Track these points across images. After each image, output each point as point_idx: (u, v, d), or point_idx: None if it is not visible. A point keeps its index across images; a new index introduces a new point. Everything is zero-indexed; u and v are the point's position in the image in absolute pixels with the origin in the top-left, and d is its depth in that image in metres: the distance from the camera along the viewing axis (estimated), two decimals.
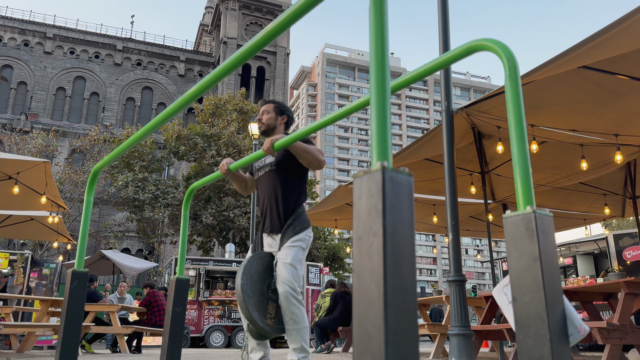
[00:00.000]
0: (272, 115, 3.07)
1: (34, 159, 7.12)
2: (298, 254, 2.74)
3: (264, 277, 2.72)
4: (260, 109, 3.18)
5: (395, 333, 0.79)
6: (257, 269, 2.71)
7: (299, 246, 2.76)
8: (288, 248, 2.74)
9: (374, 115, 0.96)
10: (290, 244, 2.75)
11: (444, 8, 5.29)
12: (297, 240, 2.76)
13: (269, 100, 3.18)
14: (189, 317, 12.92)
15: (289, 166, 2.92)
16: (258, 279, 2.68)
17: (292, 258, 2.71)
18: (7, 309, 6.94)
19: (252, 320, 2.56)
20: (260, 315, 2.61)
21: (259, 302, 2.62)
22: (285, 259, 2.71)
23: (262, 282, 2.70)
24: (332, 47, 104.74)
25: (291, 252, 2.72)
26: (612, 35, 3.60)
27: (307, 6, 1.32)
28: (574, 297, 4.93)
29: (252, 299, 2.60)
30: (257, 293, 2.64)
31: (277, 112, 3.08)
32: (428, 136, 6.32)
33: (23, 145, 24.93)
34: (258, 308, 2.61)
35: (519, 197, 1.27)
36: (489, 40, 1.42)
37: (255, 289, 2.65)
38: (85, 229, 2.97)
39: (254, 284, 2.65)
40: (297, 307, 2.65)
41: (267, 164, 3.00)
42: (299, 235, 2.78)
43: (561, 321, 1.15)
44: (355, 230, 0.88)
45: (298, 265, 2.72)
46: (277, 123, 3.06)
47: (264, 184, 2.99)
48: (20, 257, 12.07)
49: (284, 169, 2.92)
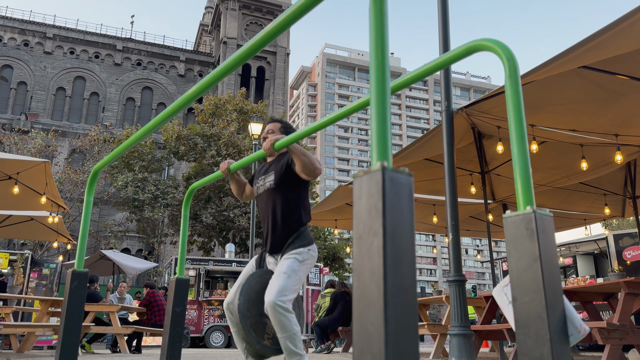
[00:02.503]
0: (278, 135, 3.01)
1: (34, 159, 7.12)
2: (293, 264, 2.69)
3: (261, 297, 2.69)
4: (265, 126, 3.14)
5: (395, 333, 0.79)
6: (256, 288, 2.69)
7: (295, 258, 2.72)
8: (284, 259, 2.73)
9: (374, 115, 0.96)
10: (288, 255, 2.74)
11: (444, 8, 5.29)
12: (295, 253, 2.74)
13: (276, 120, 3.14)
14: (189, 317, 12.91)
15: (289, 184, 2.88)
16: (257, 299, 2.66)
17: (287, 268, 2.67)
18: (7, 309, 6.94)
19: (248, 341, 2.55)
20: (258, 336, 2.58)
21: (256, 322, 2.60)
22: (279, 269, 2.68)
23: (261, 302, 2.66)
24: (332, 47, 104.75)
25: (286, 262, 2.70)
26: (612, 35, 3.60)
27: (307, 6, 1.32)
28: (574, 297, 4.93)
29: (249, 319, 2.58)
30: (255, 313, 2.61)
31: (282, 132, 3.04)
32: (428, 136, 6.32)
33: (23, 145, 24.93)
34: (255, 329, 2.59)
35: (519, 197, 1.27)
36: (489, 40, 1.42)
37: (254, 310, 2.62)
38: (85, 229, 2.97)
39: (252, 304, 2.62)
40: (284, 316, 2.56)
41: (267, 182, 2.97)
42: (298, 250, 2.75)
43: (561, 321, 1.15)
44: (355, 230, 0.88)
45: (292, 274, 2.66)
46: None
47: (264, 203, 2.95)
48: (20, 257, 12.07)
49: (284, 188, 2.88)
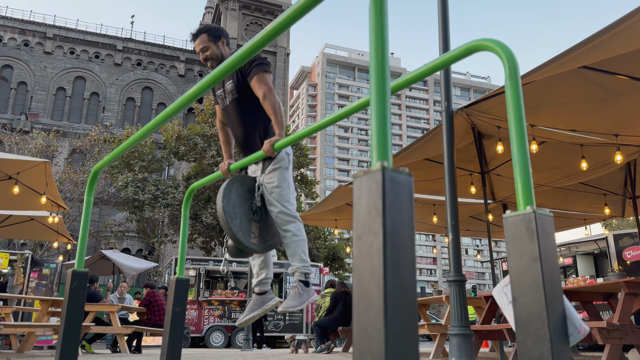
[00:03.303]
0: (212, 46, 2.96)
1: (34, 159, 7.12)
2: (282, 174, 2.83)
3: (245, 198, 2.80)
4: (195, 46, 3.03)
5: (395, 333, 0.79)
6: (238, 191, 2.79)
7: (281, 166, 2.85)
8: (271, 172, 2.83)
9: (374, 116, 0.96)
10: (272, 167, 2.84)
11: (444, 8, 5.29)
12: (278, 161, 2.84)
13: (199, 32, 3.00)
14: (189, 317, 12.91)
15: (250, 91, 2.90)
16: (239, 201, 2.76)
17: (278, 179, 2.81)
18: (7, 309, 6.94)
19: (237, 240, 2.65)
20: (245, 235, 2.70)
21: (241, 222, 2.71)
22: (271, 183, 2.81)
23: (244, 204, 2.78)
24: (332, 47, 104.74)
25: (275, 175, 2.82)
26: (612, 36, 3.60)
27: (307, 6, 1.32)
28: (574, 297, 4.93)
29: (235, 220, 2.68)
30: (239, 214, 2.72)
31: (214, 40, 2.98)
32: (428, 136, 6.32)
33: (23, 145, 24.92)
34: (241, 228, 2.69)
35: (519, 197, 1.27)
36: (489, 40, 1.42)
37: (238, 211, 2.72)
38: (85, 229, 2.97)
39: (235, 206, 2.72)
40: (291, 222, 2.77)
41: (228, 92, 2.98)
42: (279, 156, 2.85)
43: (561, 321, 1.15)
44: (355, 230, 0.88)
45: (284, 184, 2.82)
46: (221, 51, 3.00)
47: (231, 115, 2.99)
48: (20, 257, 12.07)
49: (247, 95, 2.91)
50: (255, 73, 2.83)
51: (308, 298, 2.75)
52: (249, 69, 2.86)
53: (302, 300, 2.72)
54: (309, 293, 2.76)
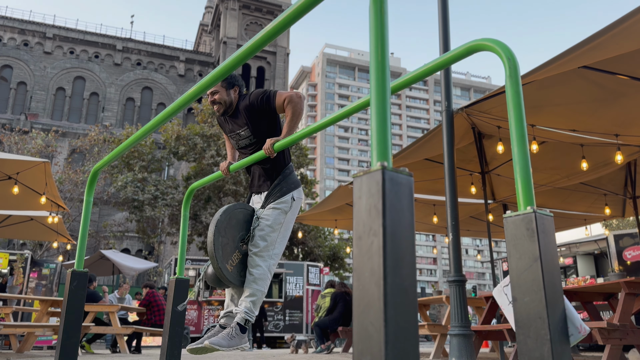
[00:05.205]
0: (223, 91, 2.98)
1: (33, 159, 7.11)
2: (280, 216, 2.79)
3: (240, 226, 2.77)
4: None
5: (395, 333, 0.79)
6: (237, 216, 2.77)
7: (282, 209, 2.81)
8: (271, 209, 2.80)
9: (374, 116, 0.96)
10: (274, 205, 2.81)
11: (444, 8, 5.30)
12: (280, 203, 2.81)
13: None
14: (189, 317, 12.92)
15: (266, 132, 2.90)
16: (235, 225, 2.75)
17: (273, 220, 2.77)
18: (7, 309, 6.94)
19: (213, 256, 2.60)
20: (224, 256, 2.66)
21: (226, 244, 2.68)
22: (265, 220, 2.77)
23: (237, 230, 2.76)
24: (332, 47, 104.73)
25: (273, 214, 2.78)
26: (612, 36, 3.60)
27: (307, 6, 1.32)
28: (574, 297, 4.92)
29: (222, 238, 2.66)
30: (228, 237, 2.70)
31: (226, 87, 3.00)
32: (428, 136, 6.32)
33: (23, 145, 24.92)
34: (224, 250, 2.66)
35: (519, 197, 1.27)
36: (490, 40, 1.42)
37: (229, 233, 2.70)
38: (85, 229, 2.97)
39: (229, 227, 2.71)
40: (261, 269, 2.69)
41: (243, 137, 2.97)
42: (284, 198, 2.82)
43: (561, 321, 1.15)
44: (355, 230, 0.88)
45: (277, 227, 2.78)
46: (231, 98, 3.00)
47: (247, 153, 3.00)
48: (20, 257, 12.07)
49: (263, 138, 2.91)
50: (274, 93, 2.85)
51: (239, 344, 2.62)
52: (263, 97, 2.85)
53: (232, 344, 2.60)
54: (241, 339, 2.64)
